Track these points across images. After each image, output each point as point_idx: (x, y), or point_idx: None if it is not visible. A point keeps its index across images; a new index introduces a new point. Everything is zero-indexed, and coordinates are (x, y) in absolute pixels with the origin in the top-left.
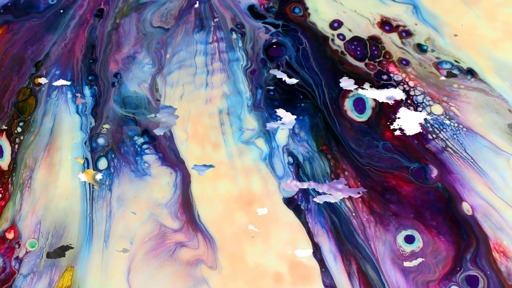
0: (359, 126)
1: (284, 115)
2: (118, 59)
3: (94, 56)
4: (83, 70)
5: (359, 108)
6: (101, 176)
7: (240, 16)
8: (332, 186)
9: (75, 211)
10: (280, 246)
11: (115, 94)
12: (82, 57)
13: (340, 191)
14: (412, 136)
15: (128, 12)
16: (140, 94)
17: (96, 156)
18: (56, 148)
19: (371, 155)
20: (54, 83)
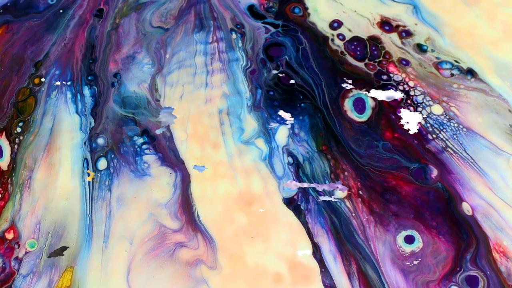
0: (359, 126)
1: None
2: (118, 59)
3: (94, 56)
4: (83, 70)
5: (359, 108)
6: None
7: (240, 16)
8: (332, 186)
9: (75, 211)
10: (280, 246)
11: (114, 94)
12: (81, 57)
13: (340, 191)
14: (412, 136)
15: (128, 12)
16: (139, 94)
17: (96, 156)
18: (56, 148)
19: (371, 155)
20: (54, 83)
